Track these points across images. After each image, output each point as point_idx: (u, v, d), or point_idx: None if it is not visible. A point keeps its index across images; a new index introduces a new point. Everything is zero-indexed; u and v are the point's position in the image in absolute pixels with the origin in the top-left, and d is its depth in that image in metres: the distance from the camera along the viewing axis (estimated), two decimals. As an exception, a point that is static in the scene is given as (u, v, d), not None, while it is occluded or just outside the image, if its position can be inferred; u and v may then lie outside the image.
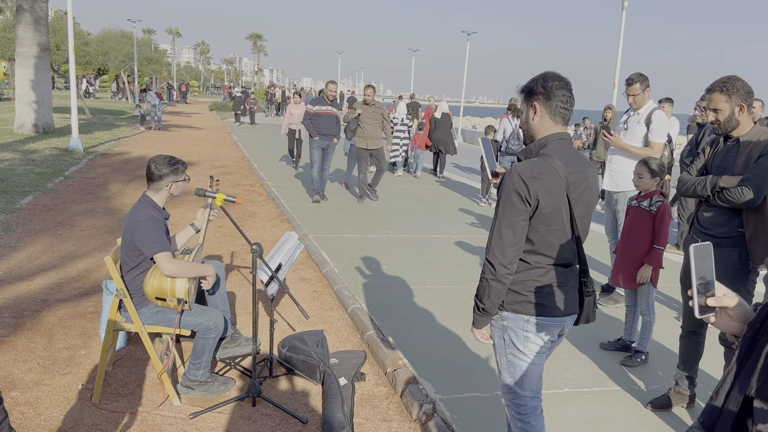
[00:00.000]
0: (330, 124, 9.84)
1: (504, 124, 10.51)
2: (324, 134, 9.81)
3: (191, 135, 21.17)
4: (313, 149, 9.93)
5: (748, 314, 1.33)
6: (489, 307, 2.38)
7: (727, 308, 1.34)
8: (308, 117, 9.88)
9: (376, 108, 10.03)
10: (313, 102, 10.00)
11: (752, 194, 3.23)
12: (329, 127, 9.85)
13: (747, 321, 1.33)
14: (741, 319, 1.33)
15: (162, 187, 3.60)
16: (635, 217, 4.34)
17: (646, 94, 5.32)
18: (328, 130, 9.84)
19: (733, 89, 3.26)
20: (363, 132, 9.97)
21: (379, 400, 3.76)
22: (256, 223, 8.34)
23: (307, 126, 9.87)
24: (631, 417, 3.62)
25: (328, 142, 9.89)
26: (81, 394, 3.58)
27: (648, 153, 5.22)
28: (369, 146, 10.00)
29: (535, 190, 2.25)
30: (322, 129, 9.81)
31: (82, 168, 12.14)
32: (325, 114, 9.83)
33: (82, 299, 5.08)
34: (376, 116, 9.99)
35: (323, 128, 9.82)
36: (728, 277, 3.39)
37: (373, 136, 9.97)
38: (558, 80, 2.37)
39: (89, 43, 41.21)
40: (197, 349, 3.59)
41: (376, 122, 10.00)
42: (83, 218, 7.92)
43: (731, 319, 1.34)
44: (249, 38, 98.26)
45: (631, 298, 4.47)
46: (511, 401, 2.56)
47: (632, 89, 5.27)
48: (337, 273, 6.06)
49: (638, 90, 5.26)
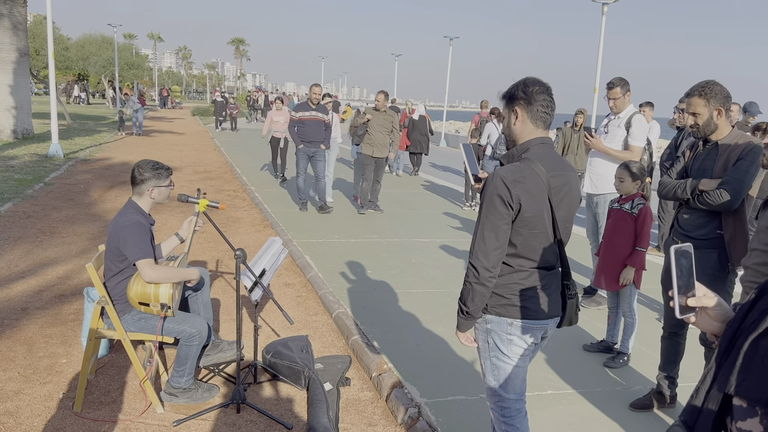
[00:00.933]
0: (316, 131, 9.41)
1: (489, 129, 10.54)
2: (309, 141, 9.39)
3: (173, 140, 21.04)
4: (300, 158, 9.51)
5: (727, 314, 1.35)
6: (473, 310, 2.39)
7: (707, 308, 1.36)
8: (292, 124, 9.48)
9: (387, 116, 9.57)
10: (297, 108, 9.55)
11: (730, 197, 3.28)
12: (315, 134, 9.41)
13: (726, 320, 1.35)
14: (721, 318, 1.35)
15: (144, 191, 3.57)
16: (617, 220, 4.38)
17: (626, 98, 5.39)
18: (313, 137, 9.41)
19: (712, 93, 3.31)
20: (371, 139, 9.50)
21: (364, 405, 3.76)
22: (240, 229, 8.31)
23: (291, 134, 9.48)
24: (614, 418, 3.65)
25: (314, 149, 9.47)
26: (62, 403, 3.54)
27: (628, 156, 5.28)
28: (375, 154, 9.54)
29: (517, 194, 2.27)
30: (306, 136, 9.39)
31: (62, 174, 12.00)
32: (310, 120, 9.38)
33: (63, 307, 5.02)
34: (386, 124, 9.53)
35: (308, 135, 9.39)
36: (708, 278, 3.43)
37: (380, 144, 9.52)
38: (538, 85, 2.40)
39: (69, 48, 40.85)
40: (180, 356, 3.57)
41: (385, 130, 9.54)
42: (64, 225, 7.83)
43: (711, 319, 1.36)
44: (231, 43, 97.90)
45: (614, 300, 4.51)
46: (495, 404, 2.58)
47: (613, 93, 5.34)
48: (322, 278, 6.05)
49: (619, 94, 5.32)
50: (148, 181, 3.56)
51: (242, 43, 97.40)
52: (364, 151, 9.59)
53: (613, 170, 5.33)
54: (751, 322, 1.15)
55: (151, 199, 3.61)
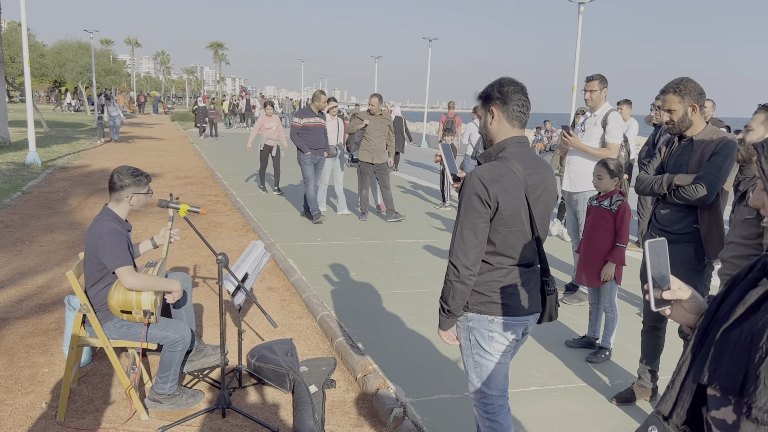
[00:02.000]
0: (320, 137, 9.09)
1: (470, 129, 10.62)
2: (315, 148, 9.02)
3: (153, 146, 20.87)
4: (306, 165, 9.01)
5: (701, 306, 1.39)
6: (454, 308, 2.42)
7: (681, 301, 1.39)
8: (296, 131, 9.00)
9: (383, 119, 9.24)
10: (300, 114, 9.11)
11: (706, 191, 3.34)
12: (319, 140, 9.08)
13: (700, 313, 1.38)
14: (695, 311, 1.39)
15: (122, 197, 3.55)
16: (597, 217, 4.44)
17: (603, 93, 5.46)
18: (318, 143, 9.05)
19: (686, 90, 3.37)
20: (368, 145, 9.16)
21: (350, 406, 3.77)
22: (222, 234, 8.27)
23: (296, 141, 8.99)
24: (597, 412, 3.70)
25: (319, 157, 9.14)
26: (45, 413, 3.51)
27: (605, 153, 5.35)
28: (374, 160, 9.16)
29: (494, 193, 2.30)
30: (312, 143, 8.98)
31: (40, 182, 11.86)
32: (315, 126, 9.02)
33: (44, 316, 4.97)
34: (382, 128, 9.20)
35: (313, 141, 8.99)
36: (685, 272, 3.49)
37: (379, 150, 9.18)
38: (513, 85, 2.44)
39: (45, 55, 40.30)
40: (164, 362, 3.55)
41: (383, 134, 9.21)
42: (43, 234, 7.74)
43: (686, 312, 1.40)
44: (210, 47, 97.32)
45: (595, 296, 4.57)
46: (478, 400, 2.60)
47: (590, 85, 5.42)
48: (305, 281, 6.05)
49: (596, 87, 5.40)
50: (127, 187, 3.54)
51: (221, 47, 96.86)
52: (363, 158, 9.24)
53: (591, 168, 5.40)
54: (723, 314, 1.18)
55: (130, 206, 3.58)
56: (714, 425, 1.15)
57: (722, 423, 1.13)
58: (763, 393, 1.02)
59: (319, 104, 9.11)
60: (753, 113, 3.38)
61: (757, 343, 1.05)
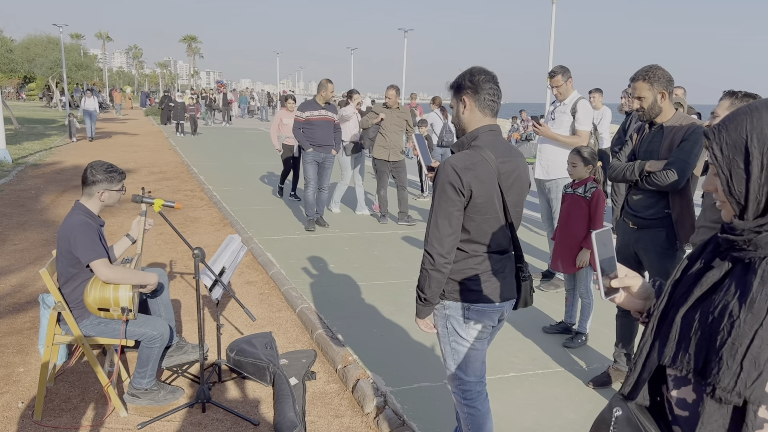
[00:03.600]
0: (326, 132, 8.09)
1: (432, 119, 10.80)
2: (318, 145, 8.05)
3: (127, 141, 20.60)
4: (308, 164, 8.09)
5: (647, 291, 1.43)
6: (430, 296, 2.44)
7: (630, 287, 1.42)
8: (298, 126, 8.07)
9: (400, 113, 8.40)
10: (303, 107, 8.14)
11: (677, 176, 3.40)
12: (325, 136, 8.08)
13: (648, 298, 1.42)
14: (642, 296, 1.43)
15: (94, 193, 3.50)
16: (571, 204, 4.49)
17: (568, 84, 5.54)
18: (323, 140, 8.07)
19: (655, 77, 3.42)
20: (384, 141, 8.32)
21: (330, 397, 3.78)
22: (199, 228, 8.21)
23: (298, 137, 8.08)
24: (575, 396, 3.76)
25: (324, 155, 8.15)
26: (21, 413, 3.47)
27: (576, 141, 5.42)
28: (390, 157, 8.35)
29: (468, 181, 2.33)
30: (316, 139, 8.02)
31: (11, 180, 11.65)
32: (319, 120, 8.02)
33: (18, 315, 4.90)
34: (400, 123, 8.35)
35: (318, 137, 8.02)
36: (657, 257, 3.56)
37: (396, 146, 8.38)
38: (484, 74, 2.46)
39: (13, 50, 39.49)
40: (142, 358, 3.53)
41: (400, 129, 8.36)
42: (15, 232, 7.62)
43: (634, 298, 1.43)
44: (183, 41, 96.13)
45: (571, 282, 4.63)
46: (456, 387, 2.63)
47: (555, 81, 5.52)
48: (284, 274, 6.04)
49: (561, 81, 5.49)
50: (99, 183, 3.50)
51: (194, 41, 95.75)
52: (378, 155, 8.41)
53: (562, 156, 5.46)
54: (680, 295, 1.21)
55: (101, 202, 3.54)
56: (675, 404, 1.19)
57: (683, 402, 1.17)
58: (726, 374, 1.05)
59: (326, 95, 8.14)
60: (719, 100, 3.45)
61: (718, 325, 1.08)
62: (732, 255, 1.15)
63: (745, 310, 1.05)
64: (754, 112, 1.12)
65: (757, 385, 1.02)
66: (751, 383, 1.03)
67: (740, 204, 1.14)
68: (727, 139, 1.14)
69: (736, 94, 3.30)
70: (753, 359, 1.03)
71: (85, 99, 20.72)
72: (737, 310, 1.06)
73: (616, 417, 1.27)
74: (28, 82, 47.29)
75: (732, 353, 1.04)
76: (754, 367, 1.03)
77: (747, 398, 1.03)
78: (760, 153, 1.10)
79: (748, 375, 1.03)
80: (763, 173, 1.11)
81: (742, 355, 1.04)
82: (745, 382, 1.03)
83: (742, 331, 1.04)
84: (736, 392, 1.04)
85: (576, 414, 3.55)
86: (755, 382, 1.02)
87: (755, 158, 1.10)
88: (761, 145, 1.10)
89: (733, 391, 1.04)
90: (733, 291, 1.09)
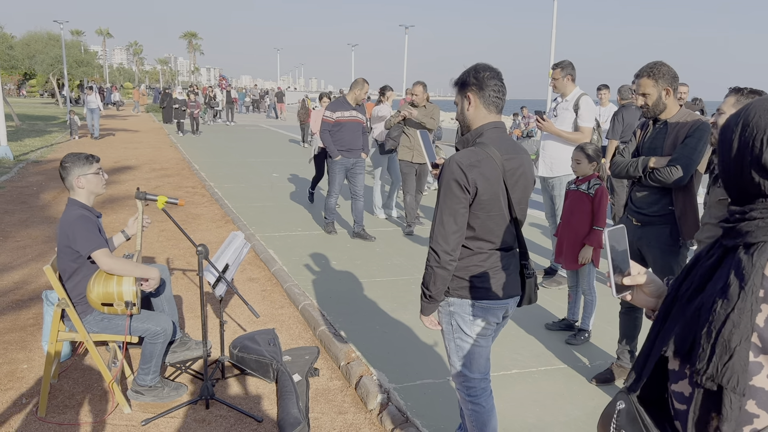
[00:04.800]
0: (355, 136, 7.42)
1: None
2: (347, 150, 7.38)
3: (128, 138, 20.59)
4: (336, 174, 7.45)
5: (660, 289, 1.43)
6: (435, 293, 2.44)
7: (641, 285, 1.42)
8: (326, 128, 7.32)
9: (427, 111, 7.55)
10: (333, 106, 7.40)
11: (681, 173, 3.40)
12: (354, 140, 7.41)
13: (661, 296, 1.42)
14: (655, 294, 1.43)
15: (73, 184, 3.45)
16: (574, 201, 4.49)
17: (566, 80, 5.55)
18: (352, 143, 7.39)
19: (660, 74, 3.41)
20: (408, 141, 7.55)
21: (333, 394, 3.78)
22: (201, 225, 8.21)
23: (325, 141, 7.32)
24: (578, 392, 3.76)
25: (354, 160, 7.47)
26: (26, 409, 3.47)
27: (578, 137, 5.42)
28: (415, 159, 7.56)
29: (473, 178, 2.32)
30: (344, 142, 7.36)
31: (12, 177, 11.66)
32: (349, 121, 7.34)
33: (21, 312, 4.91)
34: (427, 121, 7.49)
35: (346, 141, 7.36)
36: (661, 253, 3.56)
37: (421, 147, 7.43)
38: (489, 71, 2.45)
39: (14, 47, 39.44)
40: (146, 354, 3.53)
41: None
42: (17, 229, 7.62)
43: (646, 296, 1.44)
44: (183, 37, 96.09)
45: (573, 279, 4.63)
46: (461, 384, 2.63)
47: (554, 74, 5.59)
48: (286, 271, 6.04)
49: (559, 75, 5.52)
50: (71, 171, 3.44)
51: (195, 37, 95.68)
52: (403, 156, 7.63)
53: (565, 152, 5.46)
54: (684, 292, 1.22)
55: (81, 189, 3.46)
56: (674, 398, 1.20)
57: (680, 395, 1.18)
58: (701, 357, 1.07)
59: (360, 95, 7.41)
60: (724, 96, 3.44)
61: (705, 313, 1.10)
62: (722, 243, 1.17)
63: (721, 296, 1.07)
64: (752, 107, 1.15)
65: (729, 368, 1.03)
66: (722, 367, 1.03)
67: None
68: None
69: (742, 91, 3.29)
70: (724, 342, 1.04)
71: (87, 96, 20.47)
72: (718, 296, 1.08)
73: (618, 410, 1.29)
74: (29, 78, 47.25)
75: (708, 337, 1.06)
76: (724, 351, 1.04)
77: (720, 383, 1.04)
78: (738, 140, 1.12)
79: (720, 358, 1.04)
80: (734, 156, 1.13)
81: (714, 338, 1.05)
82: (716, 365, 1.04)
83: (717, 315, 1.06)
84: (709, 376, 1.05)
85: (579, 411, 3.55)
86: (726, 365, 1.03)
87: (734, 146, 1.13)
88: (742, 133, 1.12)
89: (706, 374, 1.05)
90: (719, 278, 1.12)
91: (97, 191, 3.53)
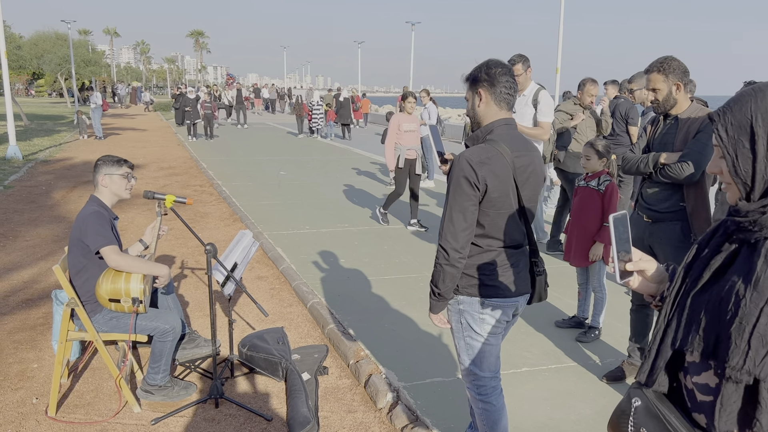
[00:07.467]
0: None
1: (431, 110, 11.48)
2: None
3: (135, 137, 20.65)
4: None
5: (662, 275, 1.42)
6: (444, 291, 2.42)
7: (644, 271, 1.41)
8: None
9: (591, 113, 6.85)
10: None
11: (692, 169, 3.36)
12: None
13: (662, 281, 1.42)
14: (656, 280, 1.42)
15: (98, 182, 3.52)
16: (584, 197, 4.45)
17: (528, 74, 5.49)
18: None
19: (670, 69, 3.38)
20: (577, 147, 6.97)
21: (343, 393, 3.77)
22: (209, 224, 8.22)
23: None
24: (588, 391, 3.74)
25: None
26: (36, 408, 3.48)
27: (538, 133, 5.39)
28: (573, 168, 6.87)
29: (483, 175, 2.30)
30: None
31: (22, 176, 11.71)
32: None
33: (31, 311, 4.93)
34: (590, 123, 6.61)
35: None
36: (672, 249, 3.52)
37: None
38: (500, 67, 2.43)
39: (22, 47, 39.66)
40: (155, 353, 3.53)
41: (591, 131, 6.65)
42: (27, 228, 7.65)
43: (648, 282, 1.43)
44: (190, 36, 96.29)
45: (583, 276, 4.60)
46: (471, 382, 2.62)
47: (516, 69, 5.43)
48: (295, 269, 6.03)
49: (521, 70, 5.45)
50: (100, 169, 3.52)
51: (201, 36, 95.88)
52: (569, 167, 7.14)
53: None
54: (691, 280, 1.22)
55: (104, 187, 3.52)
56: (697, 390, 1.19)
57: (705, 387, 1.17)
58: (735, 353, 1.06)
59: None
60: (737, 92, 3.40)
61: (726, 306, 1.09)
62: (738, 236, 1.16)
63: (750, 289, 1.06)
64: (758, 92, 1.13)
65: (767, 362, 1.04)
66: (759, 360, 1.04)
67: (746, 185, 1.14)
68: (732, 120, 1.15)
69: None
70: (760, 337, 1.04)
71: (91, 96, 20.34)
72: (743, 289, 1.07)
73: (635, 407, 1.27)
74: (37, 78, 47.48)
75: (740, 332, 1.06)
76: (761, 345, 1.04)
77: (757, 376, 1.05)
78: (765, 132, 1.11)
79: (756, 353, 1.04)
80: None
81: (749, 333, 1.05)
82: (753, 360, 1.04)
83: (749, 309, 1.05)
84: (746, 371, 1.05)
85: (590, 409, 3.53)
86: (764, 359, 1.04)
87: (761, 137, 1.11)
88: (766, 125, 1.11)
89: (743, 369, 1.05)
90: (739, 271, 1.11)
91: (120, 194, 3.58)
